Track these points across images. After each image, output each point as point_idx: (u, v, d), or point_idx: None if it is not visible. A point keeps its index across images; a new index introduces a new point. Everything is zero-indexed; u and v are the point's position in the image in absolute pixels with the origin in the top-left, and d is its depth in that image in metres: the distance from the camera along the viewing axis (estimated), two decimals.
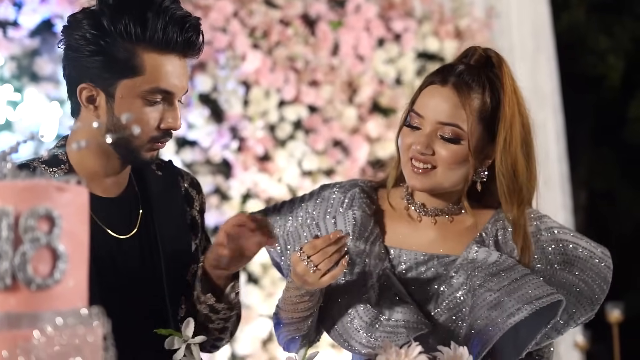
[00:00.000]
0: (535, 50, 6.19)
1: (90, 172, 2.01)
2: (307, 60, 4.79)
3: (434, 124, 2.00)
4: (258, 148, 4.60)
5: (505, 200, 2.04)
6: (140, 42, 1.92)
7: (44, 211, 1.09)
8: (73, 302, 1.11)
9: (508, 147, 2.01)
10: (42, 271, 1.08)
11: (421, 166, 2.02)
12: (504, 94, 2.02)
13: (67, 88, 2.00)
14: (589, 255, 2.06)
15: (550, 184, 6.21)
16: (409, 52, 5.20)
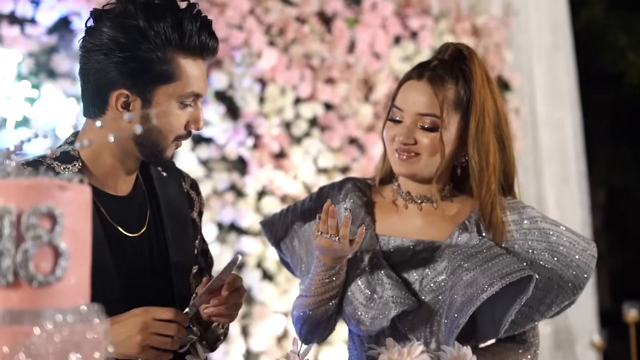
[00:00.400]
0: (553, 48, 6.16)
1: (105, 170, 2.04)
2: (323, 58, 4.80)
3: (413, 116, 2.17)
4: (273, 145, 4.61)
5: (476, 184, 2.17)
6: (177, 47, 1.94)
7: (46, 209, 1.10)
8: (74, 299, 1.12)
9: (480, 133, 2.14)
10: (44, 268, 1.09)
11: (405, 155, 2.17)
12: (474, 84, 2.15)
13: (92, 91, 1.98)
14: (572, 244, 2.17)
15: (568, 181, 6.19)
16: (426, 50, 5.19)
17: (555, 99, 6.15)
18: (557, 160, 6.15)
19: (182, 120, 2.00)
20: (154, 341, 1.88)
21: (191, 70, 1.97)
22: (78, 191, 1.14)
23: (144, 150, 2.02)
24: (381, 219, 2.28)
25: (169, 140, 2.01)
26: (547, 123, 6.10)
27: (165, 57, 1.93)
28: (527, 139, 6.00)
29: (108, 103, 1.96)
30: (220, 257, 4.48)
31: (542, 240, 2.17)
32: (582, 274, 2.17)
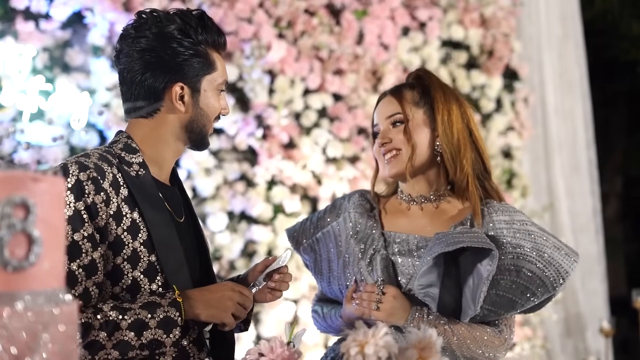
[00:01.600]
0: (563, 37, 6.19)
1: (160, 161, 2.32)
2: (332, 50, 4.87)
3: (384, 121, 2.53)
4: (283, 136, 4.70)
5: (450, 166, 2.47)
6: (207, 44, 2.28)
7: (19, 199, 1.19)
8: (48, 283, 1.22)
9: (446, 123, 2.46)
10: (18, 254, 1.19)
11: (389, 155, 2.49)
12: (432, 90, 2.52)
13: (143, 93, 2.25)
14: (557, 248, 2.40)
15: (579, 170, 6.23)
16: (434, 41, 5.25)
17: (565, 88, 6.19)
18: (567, 149, 6.19)
19: (219, 105, 2.32)
20: (237, 310, 2.21)
21: (220, 62, 2.32)
22: (51, 183, 1.24)
23: (193, 135, 2.31)
24: (388, 220, 2.57)
25: (212, 124, 2.33)
26: (558, 112, 6.14)
27: (203, 50, 2.26)
28: (537, 128, 6.04)
29: (163, 100, 2.26)
30: (231, 246, 4.58)
31: (529, 240, 2.39)
32: (563, 273, 2.38)
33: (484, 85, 5.47)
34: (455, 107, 2.49)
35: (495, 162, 5.48)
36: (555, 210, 6.08)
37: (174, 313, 2.09)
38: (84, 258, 2.05)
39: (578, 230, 6.23)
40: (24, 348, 1.14)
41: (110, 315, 2.03)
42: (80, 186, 2.07)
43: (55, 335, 1.15)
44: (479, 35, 5.41)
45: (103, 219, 2.09)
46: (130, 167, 2.21)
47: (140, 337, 2.05)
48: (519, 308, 2.37)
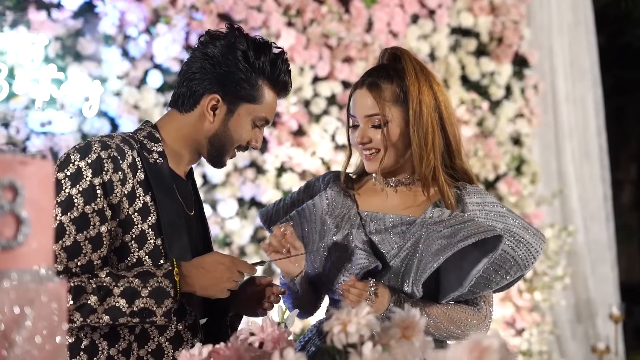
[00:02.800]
0: (574, 24, 6.19)
1: (179, 156, 2.40)
2: (341, 37, 4.90)
3: (363, 119, 2.50)
4: (292, 123, 4.75)
5: (417, 162, 2.48)
6: (267, 78, 2.35)
7: (7, 182, 1.24)
8: (36, 261, 1.27)
9: (418, 118, 2.46)
10: (7, 234, 1.24)
11: (368, 153, 2.50)
12: (407, 78, 2.48)
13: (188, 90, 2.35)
14: (525, 228, 2.48)
15: (589, 157, 6.23)
16: (443, 28, 5.27)
17: (576, 75, 6.19)
18: (578, 136, 6.20)
19: (248, 136, 2.38)
20: (232, 286, 2.26)
21: (270, 100, 2.39)
22: (39, 166, 1.29)
23: (212, 149, 2.38)
24: (362, 199, 2.60)
25: (232, 148, 2.38)
26: (568, 99, 6.14)
27: (256, 82, 2.34)
28: (548, 115, 6.05)
29: (199, 103, 2.35)
30: (241, 232, 4.64)
31: (500, 221, 2.46)
32: (534, 252, 2.46)
33: (494, 72, 5.49)
34: (427, 93, 2.48)
35: (504, 148, 5.50)
36: (565, 197, 6.10)
37: (166, 284, 2.16)
38: (91, 230, 2.15)
39: (588, 217, 6.24)
40: (11, 324, 1.20)
41: (104, 281, 2.12)
42: (100, 163, 2.17)
43: (40, 312, 1.21)
44: (489, 22, 5.42)
45: (117, 197, 2.19)
46: (150, 154, 2.31)
47: (131, 304, 2.13)
48: (494, 287, 2.45)
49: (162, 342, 2.27)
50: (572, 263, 6.06)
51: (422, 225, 2.43)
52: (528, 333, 5.39)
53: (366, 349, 1.45)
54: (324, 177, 2.69)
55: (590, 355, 5.70)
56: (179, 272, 2.20)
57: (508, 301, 5.38)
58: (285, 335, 1.79)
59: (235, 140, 2.35)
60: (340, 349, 1.51)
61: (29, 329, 1.20)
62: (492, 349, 1.15)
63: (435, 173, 2.48)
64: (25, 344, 1.20)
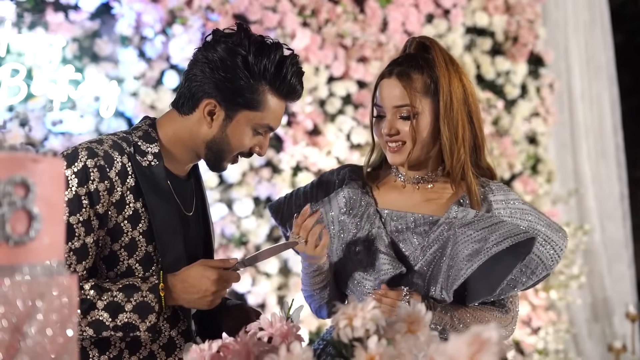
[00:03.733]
0: (590, 23, 6.19)
1: (176, 156, 2.36)
2: (356, 37, 4.92)
3: (391, 109, 2.40)
4: (308, 123, 4.77)
5: (448, 156, 2.41)
6: (269, 84, 2.26)
7: (20, 179, 1.28)
8: (48, 256, 1.30)
9: (449, 111, 2.38)
10: (19, 230, 1.27)
11: (394, 145, 2.41)
12: (437, 69, 2.39)
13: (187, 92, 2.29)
14: (548, 225, 2.42)
15: (606, 156, 6.23)
16: (458, 27, 5.28)
17: (592, 74, 6.18)
18: (594, 134, 6.20)
19: (250, 143, 2.31)
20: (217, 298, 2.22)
21: (274, 107, 2.29)
22: (50, 164, 1.32)
23: (210, 154, 2.32)
24: (381, 197, 2.52)
25: (231, 155, 2.32)
26: (584, 98, 6.14)
27: (257, 88, 2.25)
28: (564, 114, 6.05)
29: (198, 107, 2.28)
30: (257, 231, 4.67)
31: (524, 219, 2.40)
32: (558, 250, 2.40)
33: (509, 71, 5.49)
34: (457, 85, 2.39)
35: (520, 147, 5.50)
36: (581, 196, 6.10)
37: (151, 299, 2.13)
38: (76, 242, 2.12)
39: (605, 216, 6.24)
40: (23, 316, 1.23)
41: (89, 294, 2.10)
42: (86, 172, 2.13)
43: (51, 305, 1.24)
44: (504, 21, 5.43)
45: (104, 206, 2.15)
46: (144, 157, 2.26)
47: (114, 319, 2.10)
48: (520, 287, 2.38)
49: (155, 350, 2.26)
50: (589, 262, 6.06)
51: (448, 226, 2.35)
52: (544, 332, 5.39)
53: (371, 342, 1.47)
54: (338, 171, 2.59)
55: (606, 354, 5.70)
56: (164, 286, 2.16)
57: (524, 300, 5.38)
58: (293, 330, 1.81)
59: (233, 147, 2.29)
60: (347, 343, 1.54)
61: (41, 322, 1.24)
62: (492, 341, 1.17)
63: (464, 169, 2.41)
64: (37, 336, 1.24)
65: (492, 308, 2.42)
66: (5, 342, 1.21)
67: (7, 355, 1.21)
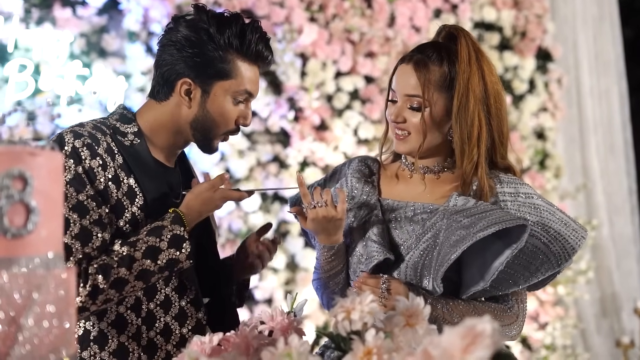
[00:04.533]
0: (598, 17, 6.17)
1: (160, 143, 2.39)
2: (363, 32, 4.92)
3: (403, 97, 2.36)
4: (315, 118, 4.78)
5: (458, 155, 2.35)
6: (237, 51, 2.31)
7: (17, 172, 1.29)
8: (46, 249, 1.31)
9: (463, 109, 2.30)
10: (17, 223, 1.28)
11: (399, 133, 2.38)
12: (459, 63, 2.31)
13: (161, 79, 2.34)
14: (564, 223, 2.32)
15: (614, 151, 6.21)
16: (466, 22, 5.28)
17: (601, 68, 6.17)
18: (603, 130, 6.18)
19: (233, 115, 2.35)
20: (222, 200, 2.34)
21: (246, 72, 2.34)
22: (48, 157, 1.33)
23: (197, 135, 2.36)
24: (387, 186, 2.50)
25: (220, 132, 2.36)
26: (593, 93, 6.12)
27: (226, 57, 2.30)
28: (572, 109, 6.03)
29: (174, 90, 2.33)
30: None
31: (534, 214, 2.32)
32: (569, 249, 2.30)
33: (517, 66, 5.48)
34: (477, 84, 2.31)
35: (528, 142, 5.50)
36: (590, 191, 6.09)
37: (179, 229, 2.23)
38: (93, 214, 2.17)
39: (613, 211, 6.23)
40: (20, 308, 1.24)
41: (123, 251, 2.17)
42: (76, 152, 2.18)
43: (47, 297, 1.25)
44: (512, 16, 5.42)
45: (102, 183, 2.20)
46: (125, 137, 2.30)
47: (156, 261, 2.19)
48: (521, 284, 2.30)
49: (169, 321, 2.31)
50: (597, 257, 6.04)
51: (443, 214, 2.31)
52: (551, 327, 5.38)
53: (369, 335, 1.48)
54: (350, 162, 2.56)
55: (614, 350, 5.69)
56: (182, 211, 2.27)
57: (531, 295, 5.37)
58: (294, 324, 1.82)
59: (218, 121, 2.33)
60: (345, 336, 1.55)
61: (38, 314, 1.25)
62: (485, 334, 1.18)
63: (477, 168, 2.33)
64: (34, 328, 1.25)
65: (495, 305, 2.35)
66: (2, 334, 1.22)
67: (5, 346, 1.22)
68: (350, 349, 1.50)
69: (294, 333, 1.70)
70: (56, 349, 1.27)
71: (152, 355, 2.28)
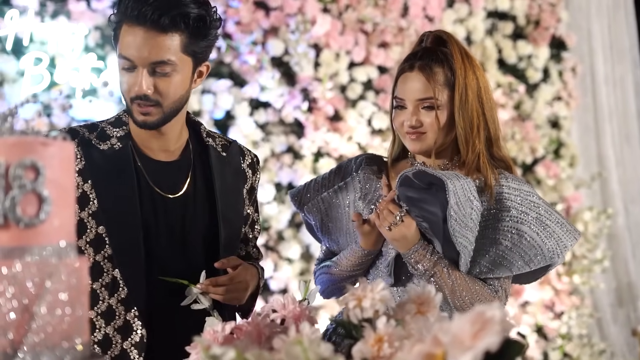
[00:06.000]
0: (613, 6, 6.14)
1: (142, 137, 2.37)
2: (376, 23, 4.92)
3: (414, 102, 2.45)
4: (328, 108, 4.78)
5: (463, 147, 2.47)
6: (123, 16, 2.22)
7: (29, 162, 1.30)
8: (58, 238, 1.33)
9: (464, 103, 2.44)
10: (29, 212, 1.30)
11: (415, 135, 2.46)
12: (455, 63, 2.45)
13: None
14: (560, 223, 2.46)
15: (630, 139, 6.19)
16: (479, 12, 5.26)
17: (615, 57, 6.14)
18: (618, 118, 6.16)
19: (124, 81, 2.25)
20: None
21: (125, 36, 2.22)
22: (60, 147, 1.35)
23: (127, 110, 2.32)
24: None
25: (129, 102, 2.26)
26: (608, 81, 6.10)
27: (117, 23, 2.24)
28: (587, 97, 6.01)
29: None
30: (278, 216, 4.69)
31: (534, 210, 2.44)
32: (562, 247, 2.45)
33: (531, 55, 5.47)
34: (472, 78, 2.46)
35: (542, 131, 5.48)
36: (605, 180, 6.07)
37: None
38: None
39: (629, 200, 6.20)
40: (33, 297, 1.26)
41: None
42: None
43: (60, 286, 1.26)
44: (525, 5, 5.41)
45: None
46: (106, 141, 2.29)
47: None
48: (515, 271, 2.43)
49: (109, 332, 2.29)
50: (613, 246, 6.03)
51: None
52: (567, 316, 5.38)
53: (380, 323, 1.48)
54: (356, 159, 2.65)
55: (631, 339, 5.68)
56: None
57: (547, 284, 5.37)
58: (306, 312, 1.83)
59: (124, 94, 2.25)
60: (356, 324, 1.56)
61: (50, 303, 1.26)
62: (495, 320, 1.18)
63: (479, 157, 2.46)
64: (47, 316, 1.26)
65: (484, 283, 2.45)
66: (15, 322, 1.24)
67: (18, 335, 1.24)
68: (361, 336, 1.50)
69: (306, 321, 1.71)
70: (69, 337, 1.28)
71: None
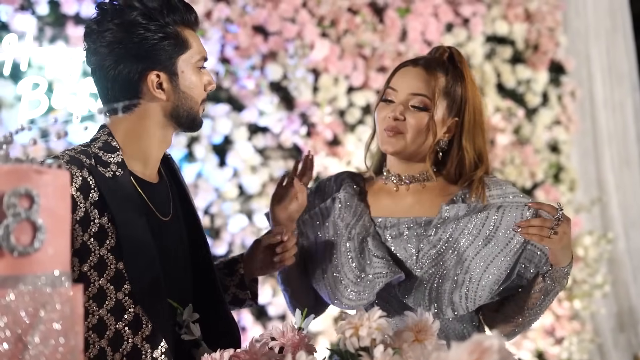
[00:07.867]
0: (611, 30, 6.16)
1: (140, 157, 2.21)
2: (375, 47, 4.93)
3: (406, 95, 2.39)
4: (327, 133, 4.78)
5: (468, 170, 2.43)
6: (179, 22, 2.18)
7: (24, 190, 1.29)
8: (52, 267, 1.32)
9: (472, 126, 2.41)
10: (24, 241, 1.29)
11: (392, 133, 2.39)
12: (465, 82, 2.41)
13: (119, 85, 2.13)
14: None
15: (629, 163, 6.18)
16: (478, 36, 5.28)
17: (614, 81, 6.15)
18: (617, 142, 6.16)
19: (201, 82, 2.23)
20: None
21: (194, 39, 2.22)
22: (55, 175, 1.34)
23: (181, 120, 2.21)
24: (375, 203, 2.51)
25: (199, 103, 2.24)
26: (607, 105, 6.11)
27: (173, 31, 2.15)
28: (586, 121, 6.02)
29: (141, 90, 2.14)
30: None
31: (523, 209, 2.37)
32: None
33: (530, 79, 5.48)
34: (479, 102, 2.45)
35: (542, 156, 5.48)
36: (605, 204, 6.06)
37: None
38: None
39: (629, 224, 6.19)
40: (26, 326, 1.24)
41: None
42: None
43: (53, 315, 1.25)
44: (524, 29, 5.42)
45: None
46: (107, 168, 2.12)
47: None
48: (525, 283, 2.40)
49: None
50: (613, 271, 6.01)
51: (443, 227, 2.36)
52: (568, 342, 5.35)
53: (377, 351, 1.47)
54: (336, 177, 2.60)
55: None
56: None
57: (547, 310, 5.33)
58: (305, 341, 1.82)
59: (196, 96, 2.19)
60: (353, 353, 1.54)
61: (44, 332, 1.25)
62: (493, 349, 1.17)
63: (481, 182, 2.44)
64: (40, 346, 1.25)
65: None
66: (9, 352, 1.22)
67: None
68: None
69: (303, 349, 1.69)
70: None
71: None
